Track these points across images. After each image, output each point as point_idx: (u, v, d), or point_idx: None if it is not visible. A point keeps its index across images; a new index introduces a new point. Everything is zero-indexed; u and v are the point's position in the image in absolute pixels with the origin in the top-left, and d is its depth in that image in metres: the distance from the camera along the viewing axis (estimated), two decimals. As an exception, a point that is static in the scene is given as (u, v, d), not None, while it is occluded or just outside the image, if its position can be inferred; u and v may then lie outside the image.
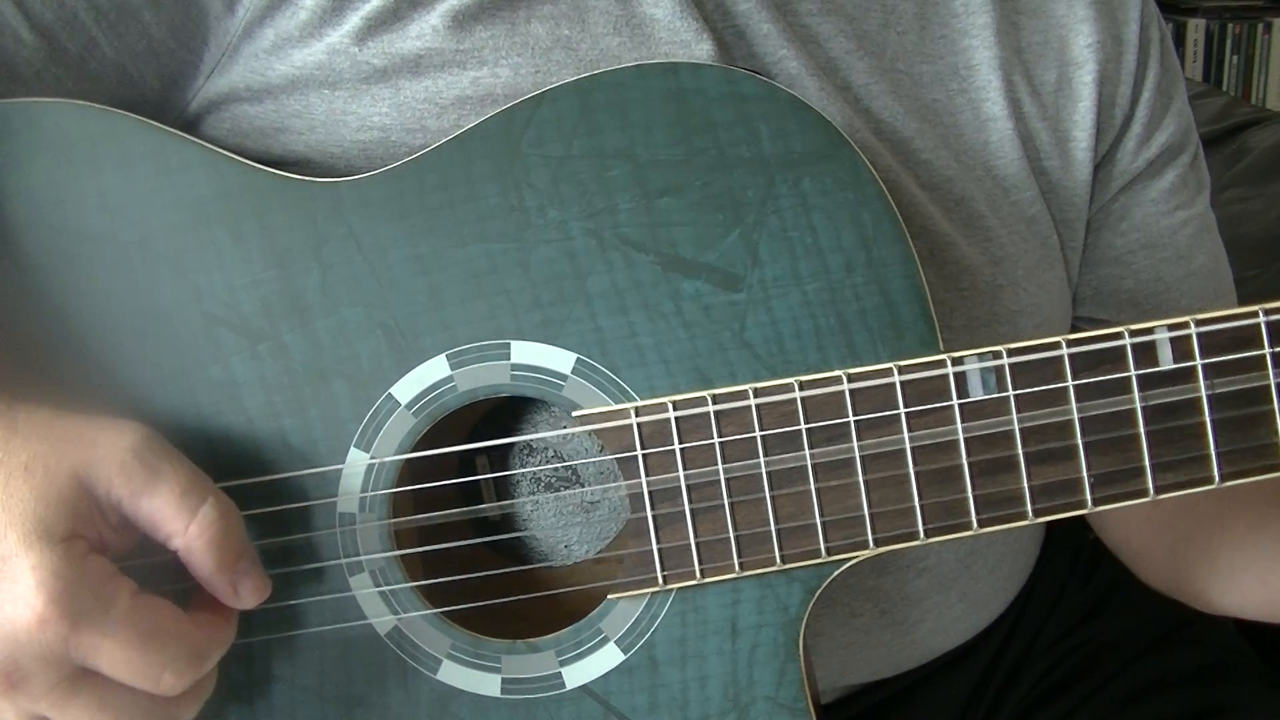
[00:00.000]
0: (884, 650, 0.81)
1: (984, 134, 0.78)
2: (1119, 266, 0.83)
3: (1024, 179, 0.79)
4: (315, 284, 0.66)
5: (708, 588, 0.66)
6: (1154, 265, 0.82)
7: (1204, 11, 2.67)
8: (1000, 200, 0.78)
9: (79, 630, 0.54)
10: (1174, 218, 0.82)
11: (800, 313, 0.65)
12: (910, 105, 0.77)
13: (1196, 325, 0.63)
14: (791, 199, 0.65)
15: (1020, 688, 0.88)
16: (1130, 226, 0.82)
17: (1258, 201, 1.32)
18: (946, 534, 0.64)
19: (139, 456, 0.59)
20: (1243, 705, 0.84)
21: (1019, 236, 0.78)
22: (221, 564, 0.60)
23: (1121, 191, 0.82)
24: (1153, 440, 0.63)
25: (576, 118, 0.65)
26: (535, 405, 0.74)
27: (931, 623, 0.81)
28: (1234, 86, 2.67)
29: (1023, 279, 0.78)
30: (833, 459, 0.64)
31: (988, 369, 0.64)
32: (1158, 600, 0.93)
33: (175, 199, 0.67)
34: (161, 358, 0.67)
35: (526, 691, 0.67)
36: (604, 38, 0.72)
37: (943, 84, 0.78)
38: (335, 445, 0.67)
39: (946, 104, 0.78)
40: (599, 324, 0.65)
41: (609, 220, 0.65)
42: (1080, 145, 0.80)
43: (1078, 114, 0.79)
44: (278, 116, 0.72)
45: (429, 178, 0.66)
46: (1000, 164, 0.78)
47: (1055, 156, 0.79)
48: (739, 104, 0.64)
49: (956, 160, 0.77)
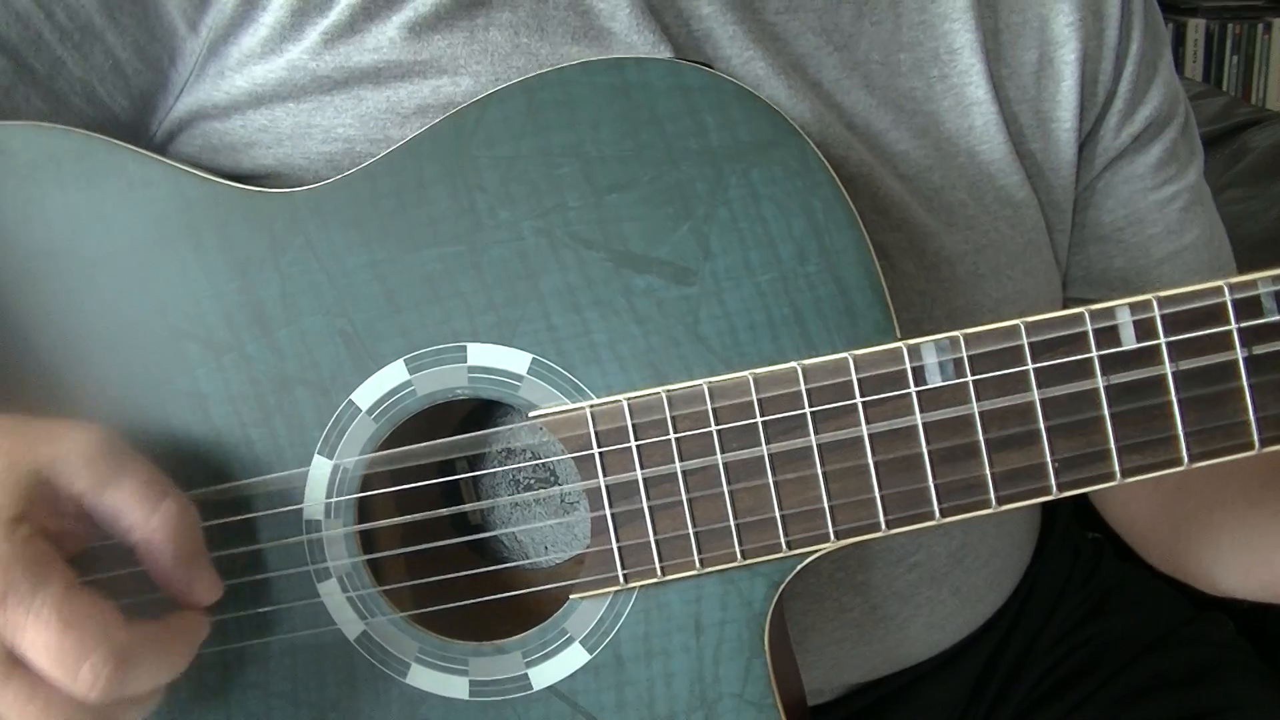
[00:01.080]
0: (878, 646, 0.79)
1: (967, 119, 0.77)
2: (1108, 244, 0.81)
3: (1009, 163, 0.77)
4: (275, 294, 0.67)
5: (670, 585, 0.65)
6: (1144, 242, 0.80)
7: (1204, 11, 2.62)
8: (985, 186, 0.77)
9: (4, 606, 0.55)
10: (1162, 192, 0.80)
11: (754, 304, 0.64)
12: (885, 97, 0.76)
13: (1160, 305, 0.61)
14: (740, 189, 0.64)
15: (1021, 687, 0.86)
16: (1117, 203, 0.80)
17: (1258, 201, 1.29)
18: (909, 524, 0.63)
19: (104, 452, 0.60)
20: (1242, 705, 0.82)
21: (1004, 222, 0.77)
22: (179, 556, 0.61)
23: (1106, 168, 0.80)
24: (1117, 422, 0.61)
25: (524, 117, 0.65)
26: (509, 407, 0.74)
27: (924, 618, 0.80)
28: (1234, 86, 2.61)
29: (1006, 266, 0.76)
30: (790, 451, 0.63)
31: (945, 356, 0.62)
32: (1157, 600, 0.90)
33: (138, 215, 0.68)
34: (129, 372, 0.68)
35: (494, 693, 0.67)
36: (563, 45, 0.71)
37: (922, 71, 0.77)
38: (300, 452, 0.67)
39: (926, 91, 0.77)
40: (553, 323, 0.65)
41: (559, 219, 0.65)
42: (1064, 125, 0.78)
43: (1060, 94, 0.78)
44: (245, 132, 0.73)
45: (381, 183, 0.66)
46: (985, 149, 0.77)
47: (1039, 138, 0.78)
48: (685, 96, 0.64)
49: (936, 149, 0.76)
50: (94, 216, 0.68)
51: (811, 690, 0.77)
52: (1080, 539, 0.95)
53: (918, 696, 0.83)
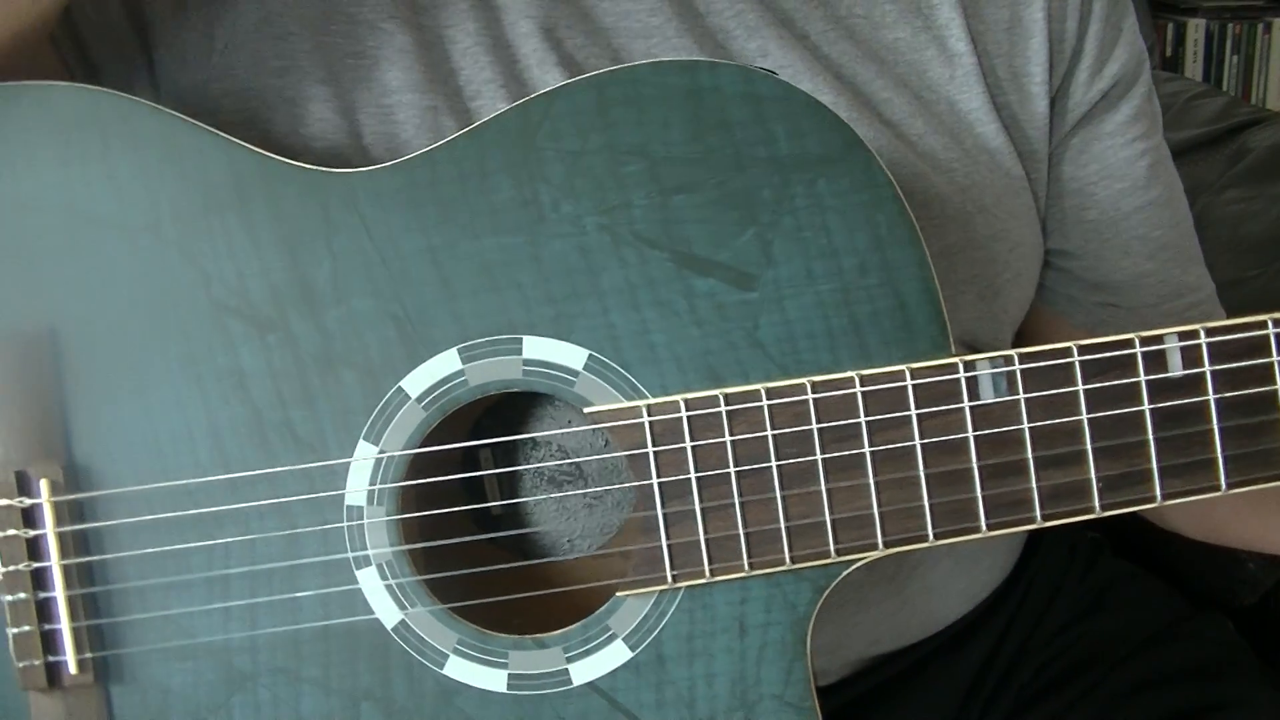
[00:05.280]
0: (877, 611, 0.81)
1: (949, 69, 0.80)
2: (1082, 197, 0.85)
3: (986, 112, 0.81)
4: (326, 274, 0.66)
5: (716, 586, 0.66)
6: (1114, 196, 0.85)
7: (1204, 11, 2.69)
8: (965, 134, 0.80)
9: None
10: (1132, 148, 0.85)
11: (813, 313, 0.65)
12: (869, 48, 0.79)
13: (1206, 334, 0.63)
14: (806, 200, 0.65)
15: (1017, 682, 0.88)
16: (1089, 158, 0.84)
17: (1258, 201, 1.33)
18: (956, 536, 0.65)
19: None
20: (1239, 701, 0.85)
21: (983, 166, 0.81)
22: None
23: (1080, 125, 0.84)
24: (1161, 447, 0.64)
25: (593, 113, 0.65)
26: (540, 399, 0.74)
27: (921, 579, 0.82)
28: (1234, 86, 2.69)
29: (991, 205, 0.80)
30: (844, 459, 0.64)
31: (999, 372, 0.64)
32: (1154, 598, 0.94)
33: (186, 183, 0.66)
34: (168, 344, 0.66)
35: (533, 687, 0.67)
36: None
37: (906, 22, 0.81)
38: (344, 437, 0.66)
39: (910, 40, 0.81)
40: (611, 320, 0.65)
41: (623, 216, 0.65)
42: (1035, 79, 0.82)
43: (1030, 50, 0.82)
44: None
45: (443, 169, 0.65)
46: (964, 98, 0.80)
47: (1014, 90, 0.82)
48: (755, 104, 0.64)
49: (917, 97, 0.80)
50: (138, 182, 0.66)
51: (815, 671, 0.78)
52: (1078, 536, 0.97)
53: (915, 689, 0.85)
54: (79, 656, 0.66)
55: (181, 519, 0.66)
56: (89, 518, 0.67)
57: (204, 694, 0.67)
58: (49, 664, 0.66)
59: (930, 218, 0.77)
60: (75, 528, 0.66)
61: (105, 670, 0.67)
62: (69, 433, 0.67)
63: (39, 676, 0.66)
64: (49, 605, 0.66)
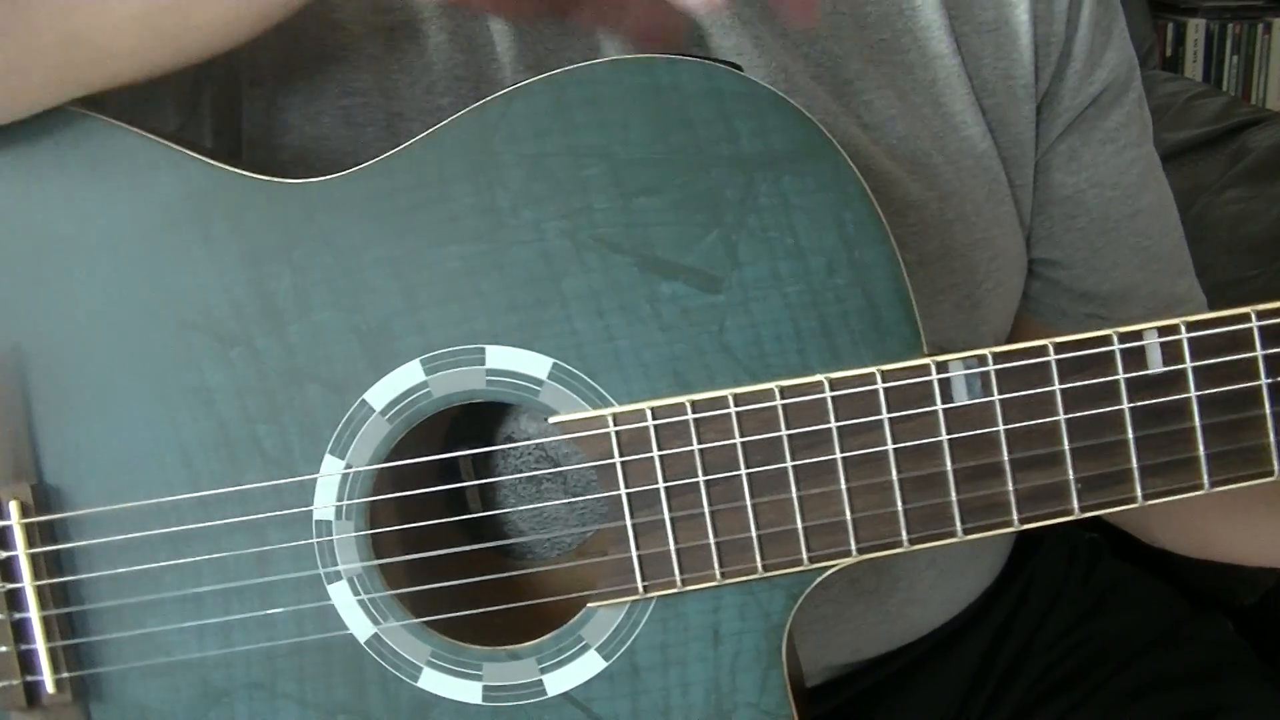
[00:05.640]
0: (859, 623, 0.80)
1: (931, 71, 0.78)
2: (1071, 205, 0.83)
3: (971, 115, 0.78)
4: (287, 287, 0.65)
5: (689, 594, 0.65)
6: (1104, 204, 0.82)
7: (1204, 11, 2.63)
8: (949, 137, 0.78)
9: None
10: (1123, 156, 0.82)
11: (781, 315, 0.63)
12: (853, 48, 0.77)
13: (1187, 329, 0.61)
14: (772, 198, 0.63)
15: (1017, 687, 0.87)
16: (1080, 165, 0.82)
17: (1258, 201, 1.30)
18: (931, 541, 0.63)
19: None
20: (1241, 704, 0.84)
21: (966, 173, 0.78)
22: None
23: (1069, 131, 0.81)
24: (1141, 445, 0.62)
25: (551, 114, 0.63)
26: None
27: (905, 591, 0.81)
28: (1234, 86, 2.63)
29: (972, 213, 0.78)
30: (814, 465, 0.63)
31: (973, 373, 0.62)
32: (1155, 600, 0.92)
33: (143, 201, 0.65)
34: (133, 362, 0.66)
35: (508, 699, 0.66)
36: None
37: (889, 23, 0.78)
38: (310, 451, 0.66)
39: (893, 42, 0.78)
40: (575, 327, 0.64)
41: (585, 220, 0.63)
42: (1020, 82, 0.79)
43: (1016, 51, 0.79)
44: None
45: (400, 177, 0.64)
46: (948, 99, 0.78)
47: (999, 93, 0.79)
48: (718, 100, 0.62)
49: (901, 99, 0.77)
50: (96, 201, 0.65)
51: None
52: (1077, 538, 0.96)
53: (912, 692, 0.84)
54: (56, 676, 0.67)
55: (152, 538, 0.66)
56: (61, 538, 0.67)
57: (182, 710, 0.67)
58: (27, 683, 0.67)
59: (908, 225, 0.75)
60: (47, 549, 0.66)
61: (84, 689, 0.67)
62: (37, 454, 0.66)
63: (18, 696, 0.67)
64: (25, 625, 0.67)
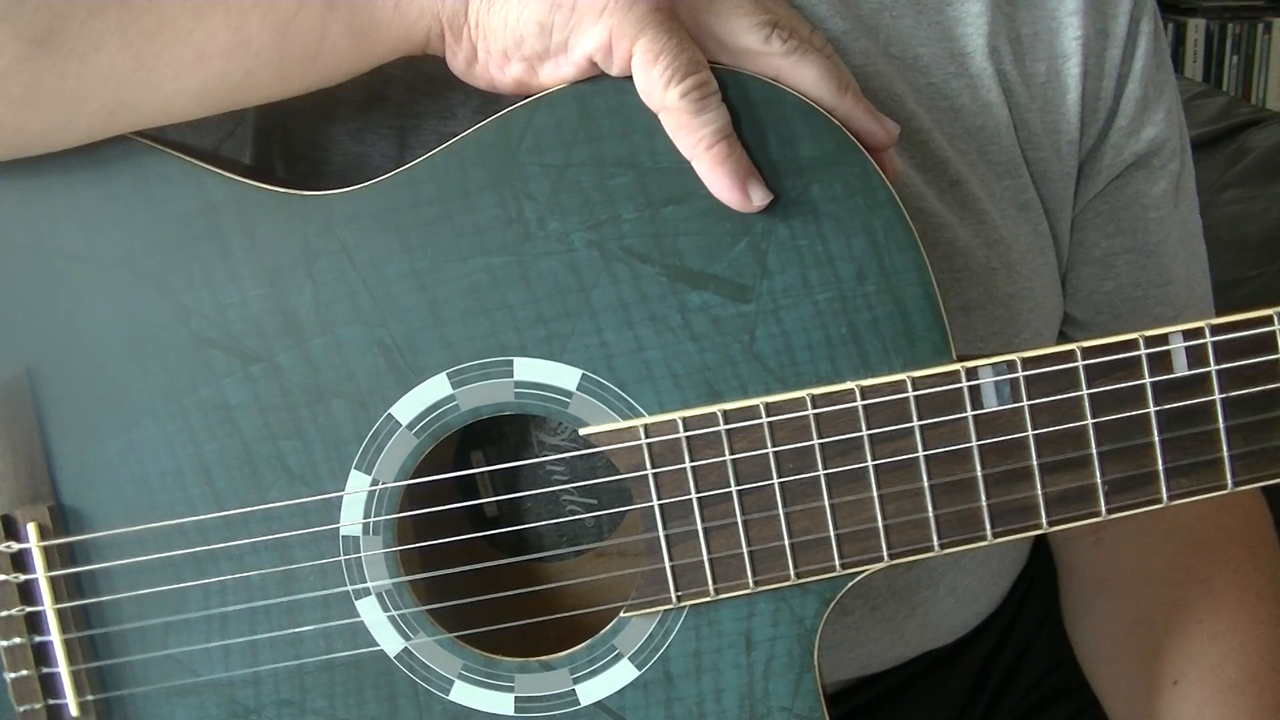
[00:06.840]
0: (872, 646, 0.81)
1: (980, 119, 0.77)
2: (1101, 267, 0.82)
3: (1017, 165, 0.78)
4: (308, 302, 0.64)
5: (722, 601, 0.65)
6: (1135, 271, 0.82)
7: (1204, 11, 2.65)
8: (994, 185, 0.78)
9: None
10: (1163, 225, 0.82)
11: (811, 323, 0.63)
12: (908, 88, 0.76)
13: (1211, 333, 0.62)
14: (800, 206, 0.63)
15: (1015, 693, 0.88)
16: (1117, 229, 0.82)
17: (1258, 201, 1.32)
18: (961, 545, 0.64)
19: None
20: None
21: (1011, 221, 0.78)
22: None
23: (1111, 190, 0.81)
24: (1167, 448, 0.63)
25: (576, 124, 0.62)
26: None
27: (920, 618, 0.81)
28: (1234, 86, 2.66)
29: (1016, 263, 0.78)
30: (846, 473, 0.63)
31: (1002, 379, 0.63)
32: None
33: (157, 215, 0.64)
34: (150, 380, 0.65)
35: (541, 710, 0.66)
36: None
37: (940, 67, 0.77)
38: (336, 467, 0.65)
39: (943, 87, 0.77)
40: (604, 338, 0.64)
41: (612, 231, 0.63)
42: (1066, 138, 0.79)
43: (1065, 106, 0.79)
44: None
45: (423, 189, 0.63)
46: (994, 149, 0.78)
47: (1045, 146, 0.79)
48: (745, 108, 0.62)
49: (951, 144, 0.77)
50: (107, 216, 0.64)
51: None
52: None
53: (911, 700, 0.85)
54: (80, 699, 0.66)
55: (175, 558, 0.65)
56: (81, 560, 0.65)
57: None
58: (50, 707, 0.66)
59: (954, 270, 0.75)
60: (67, 571, 0.65)
61: (108, 711, 0.67)
62: (55, 475, 0.65)
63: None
64: (47, 649, 0.66)
